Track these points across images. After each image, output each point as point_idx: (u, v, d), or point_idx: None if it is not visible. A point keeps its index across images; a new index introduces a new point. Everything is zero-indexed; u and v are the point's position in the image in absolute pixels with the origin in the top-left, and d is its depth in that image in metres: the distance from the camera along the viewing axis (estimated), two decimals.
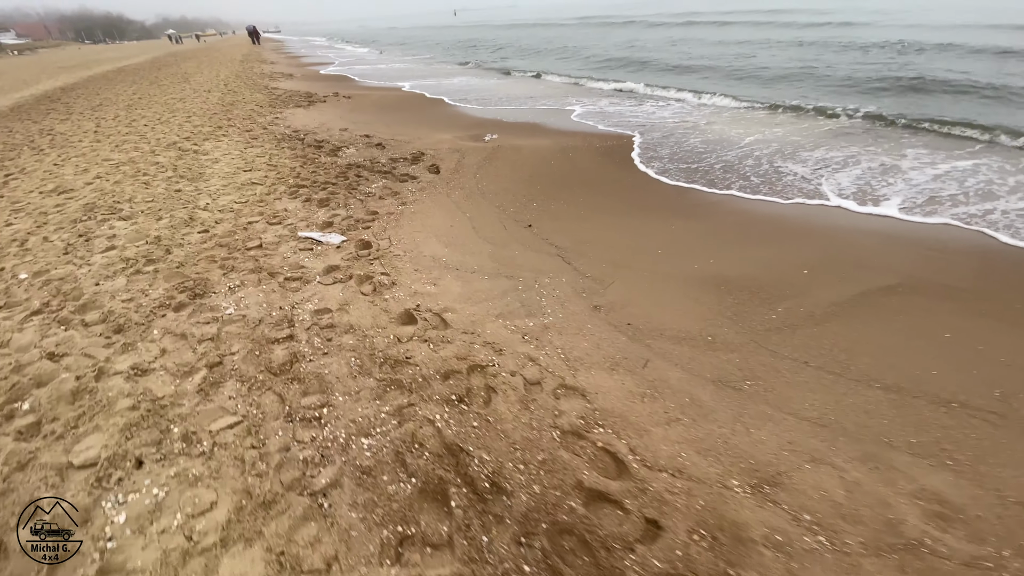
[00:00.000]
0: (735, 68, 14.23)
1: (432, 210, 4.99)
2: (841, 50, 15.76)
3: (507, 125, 9.16)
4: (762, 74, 12.99)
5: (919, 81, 10.33)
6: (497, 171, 6.24)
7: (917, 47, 14.41)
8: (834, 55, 15.05)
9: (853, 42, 16.86)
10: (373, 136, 8.19)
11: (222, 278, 3.54)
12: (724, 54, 17.23)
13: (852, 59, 14.02)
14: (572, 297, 3.34)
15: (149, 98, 13.05)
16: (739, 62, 15.22)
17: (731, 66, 14.61)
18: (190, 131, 8.55)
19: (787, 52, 16.43)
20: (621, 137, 7.82)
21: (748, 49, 17.98)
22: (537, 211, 5.01)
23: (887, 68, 12.14)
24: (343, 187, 5.59)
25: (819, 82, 11.44)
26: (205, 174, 6.05)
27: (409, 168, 6.33)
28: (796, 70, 13.02)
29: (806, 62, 14.14)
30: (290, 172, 6.22)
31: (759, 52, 17.08)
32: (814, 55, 15.44)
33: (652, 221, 4.70)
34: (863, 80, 11.05)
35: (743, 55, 16.68)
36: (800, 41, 18.66)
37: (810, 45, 17.51)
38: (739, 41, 20.68)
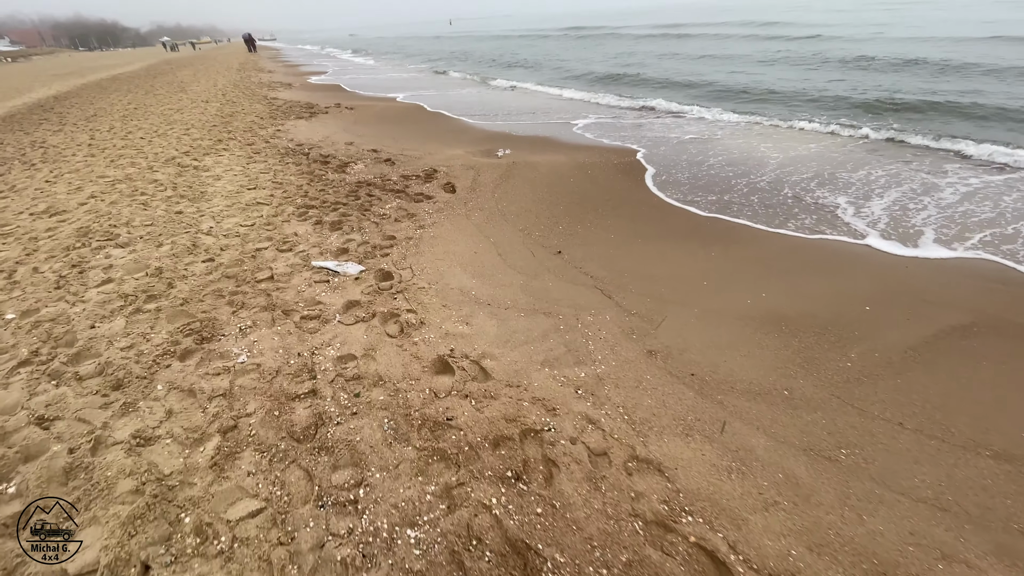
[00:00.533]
0: (730, 81, 14.08)
1: (453, 234, 4.67)
2: (839, 65, 15.66)
3: (517, 139, 8.88)
4: (755, 87, 12.81)
5: (931, 96, 10.17)
6: (516, 190, 5.94)
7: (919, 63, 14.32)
8: (831, 70, 14.93)
9: (844, 56, 16.79)
10: (381, 151, 7.88)
11: (231, 317, 3.20)
12: (719, 68, 17.12)
13: (848, 74, 13.90)
14: (621, 339, 3.02)
15: (145, 108, 12.70)
16: (734, 76, 15.09)
17: (726, 79, 14.46)
18: (189, 145, 8.21)
19: (781, 67, 16.33)
20: (633, 153, 7.55)
21: (739, 64, 17.88)
22: (564, 235, 4.71)
23: (881, 84, 12.00)
24: (355, 208, 5.27)
25: (823, 97, 11.26)
26: (207, 193, 5.71)
27: (423, 187, 6.02)
28: (797, 84, 12.87)
29: (804, 77, 14.01)
30: (297, 191, 5.89)
31: (750, 66, 16.98)
32: (807, 70, 15.33)
33: (688, 247, 4.40)
34: (866, 95, 10.88)
35: (737, 68, 16.57)
36: (790, 54, 18.60)
37: (805, 58, 17.43)
38: (730, 55, 20.63)
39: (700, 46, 24.91)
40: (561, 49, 29.52)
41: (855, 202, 5.27)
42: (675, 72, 16.59)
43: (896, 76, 12.72)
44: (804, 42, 22.14)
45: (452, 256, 4.20)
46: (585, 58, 23.43)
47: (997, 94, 9.88)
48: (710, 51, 22.18)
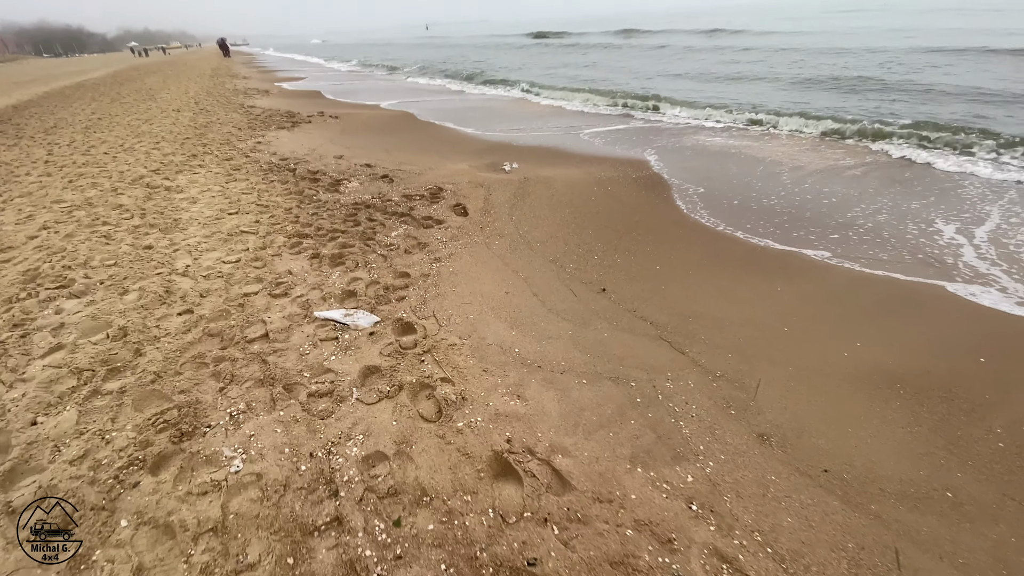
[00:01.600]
0: (721, 89, 13.75)
1: (475, 269, 4.03)
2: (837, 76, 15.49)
3: (520, 151, 8.28)
4: (748, 89, 12.48)
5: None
6: (535, 211, 5.32)
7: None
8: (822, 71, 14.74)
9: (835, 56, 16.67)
10: (375, 165, 7.18)
11: (218, 397, 2.51)
12: (708, 67, 16.85)
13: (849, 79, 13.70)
14: (718, 417, 2.43)
15: (110, 118, 11.74)
16: (722, 82, 14.78)
17: (719, 87, 14.14)
18: (159, 161, 7.39)
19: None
20: (648, 165, 7.01)
21: (709, 65, 17.64)
22: (602, 267, 4.11)
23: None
24: (357, 237, 4.59)
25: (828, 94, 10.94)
26: (181, 221, 4.96)
27: (431, 208, 5.36)
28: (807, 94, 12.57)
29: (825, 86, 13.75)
30: (286, 215, 5.17)
31: (723, 66, 16.74)
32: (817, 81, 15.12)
33: (747, 281, 3.84)
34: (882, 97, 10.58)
35: (709, 70, 16.30)
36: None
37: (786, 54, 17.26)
38: (697, 59, 20.47)
39: (693, 43, 24.76)
40: (540, 56, 29.13)
41: (931, 231, 4.80)
42: (672, 78, 16.23)
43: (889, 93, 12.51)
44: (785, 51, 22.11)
45: (481, 298, 3.56)
46: (569, 63, 23.02)
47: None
48: (672, 55, 21.98)
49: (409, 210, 5.32)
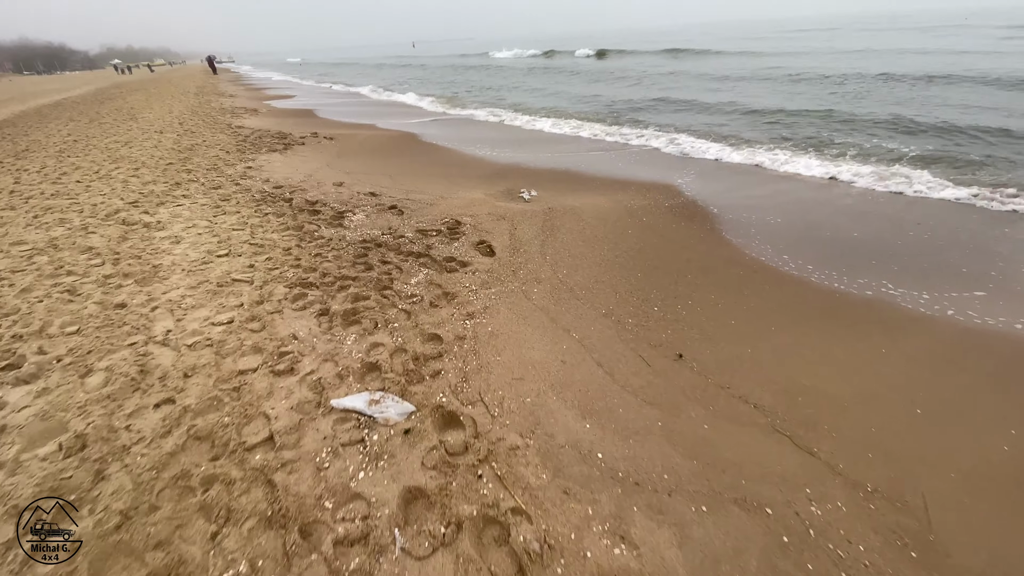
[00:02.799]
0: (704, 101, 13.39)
1: (518, 327, 3.38)
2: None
3: (535, 174, 7.69)
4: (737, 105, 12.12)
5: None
6: (569, 249, 4.70)
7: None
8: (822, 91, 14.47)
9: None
10: (381, 194, 6.53)
11: (211, 552, 1.81)
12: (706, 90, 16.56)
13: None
14: (899, 564, 1.78)
15: (87, 140, 10.96)
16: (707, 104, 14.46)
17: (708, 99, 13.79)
18: (138, 190, 6.66)
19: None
20: (679, 190, 6.45)
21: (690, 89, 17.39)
22: (667, 322, 3.47)
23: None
24: (371, 286, 3.91)
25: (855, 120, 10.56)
26: (162, 267, 4.24)
27: (451, 247, 4.71)
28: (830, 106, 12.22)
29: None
30: (285, 256, 4.49)
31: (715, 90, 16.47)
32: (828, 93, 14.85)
33: (840, 338, 3.24)
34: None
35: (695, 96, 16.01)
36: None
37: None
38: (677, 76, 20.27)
39: (688, 66, 24.62)
40: (536, 77, 28.90)
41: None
42: (686, 93, 15.89)
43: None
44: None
45: (534, 371, 2.90)
46: (565, 82, 22.71)
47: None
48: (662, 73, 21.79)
49: (427, 249, 4.66)
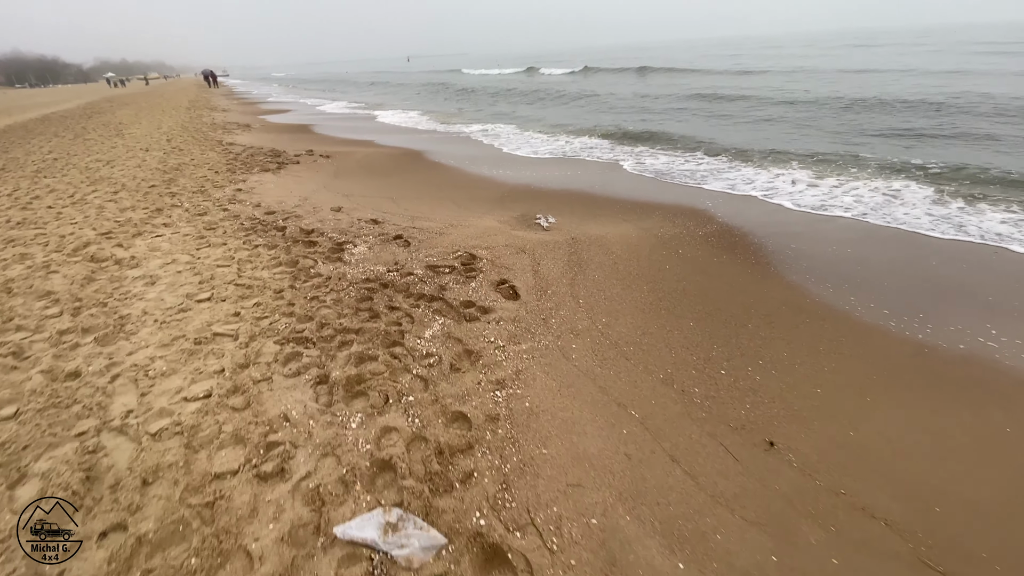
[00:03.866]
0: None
1: (562, 401, 2.75)
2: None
3: (549, 196, 7.12)
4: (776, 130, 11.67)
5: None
6: (603, 289, 4.10)
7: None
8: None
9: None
10: (384, 220, 5.92)
11: None
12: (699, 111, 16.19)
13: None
14: None
15: (67, 159, 10.31)
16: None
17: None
18: (114, 218, 6.01)
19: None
20: (711, 216, 5.89)
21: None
22: (742, 391, 2.86)
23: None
24: (379, 341, 3.28)
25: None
26: (130, 319, 3.59)
27: (467, 288, 4.09)
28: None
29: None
30: (276, 300, 3.86)
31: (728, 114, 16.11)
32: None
33: (948, 411, 2.66)
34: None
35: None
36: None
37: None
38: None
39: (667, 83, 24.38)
40: (537, 94, 28.64)
41: None
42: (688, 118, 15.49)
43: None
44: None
45: (593, 472, 2.27)
46: (567, 95, 22.39)
47: None
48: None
49: (440, 291, 4.04)
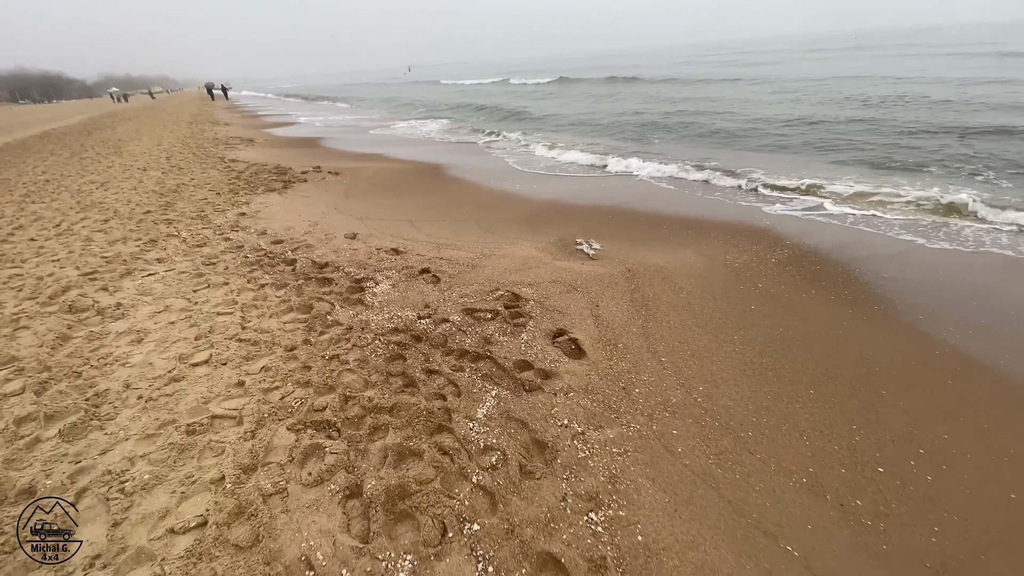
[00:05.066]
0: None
1: (682, 527, 2.02)
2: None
3: (583, 214, 6.41)
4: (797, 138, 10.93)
5: None
6: (687, 342, 3.36)
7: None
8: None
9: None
10: (405, 250, 5.21)
11: None
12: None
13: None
14: None
15: (60, 181, 9.68)
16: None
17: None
18: (101, 253, 5.32)
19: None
20: (776, 235, 5.15)
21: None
22: (915, 499, 2.13)
23: None
24: (420, 426, 2.56)
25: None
26: (107, 399, 2.87)
27: (518, 341, 3.36)
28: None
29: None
30: (288, 364, 3.14)
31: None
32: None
33: None
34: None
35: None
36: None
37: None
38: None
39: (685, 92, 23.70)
40: (543, 101, 28.05)
41: None
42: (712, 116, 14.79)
43: None
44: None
45: None
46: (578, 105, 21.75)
47: None
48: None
49: (485, 345, 3.32)
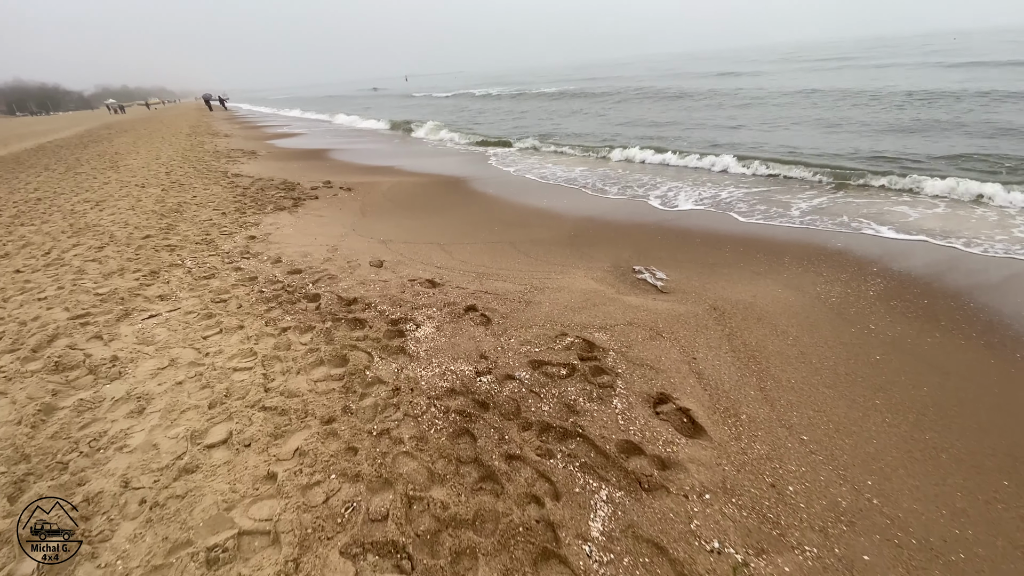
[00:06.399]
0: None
1: None
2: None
3: (627, 233, 5.77)
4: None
5: None
6: (819, 408, 2.72)
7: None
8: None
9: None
10: (442, 281, 4.56)
11: None
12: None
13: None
14: None
15: (52, 199, 9.03)
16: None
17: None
18: (95, 289, 4.65)
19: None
20: (862, 261, 4.51)
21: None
22: None
23: None
24: (519, 550, 1.89)
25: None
26: (99, 505, 2.20)
27: (611, 411, 2.70)
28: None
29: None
30: (328, 446, 2.49)
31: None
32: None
33: None
34: None
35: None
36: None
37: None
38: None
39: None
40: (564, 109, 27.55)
41: None
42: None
43: None
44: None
45: None
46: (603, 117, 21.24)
47: None
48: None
49: (570, 417, 2.66)
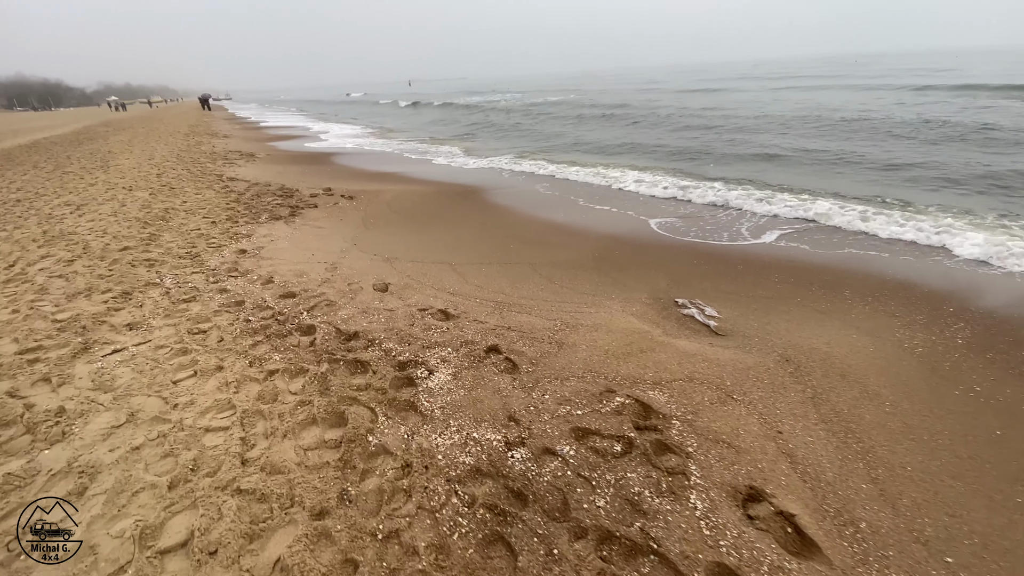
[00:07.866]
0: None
1: None
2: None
3: (656, 255, 5.19)
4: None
5: None
6: (942, 503, 2.13)
7: None
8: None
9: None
10: (457, 312, 3.95)
11: None
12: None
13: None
14: None
15: (32, 201, 8.40)
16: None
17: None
18: (54, 314, 4.03)
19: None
20: (936, 295, 3.93)
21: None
22: None
23: None
24: None
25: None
26: None
27: (691, 513, 2.09)
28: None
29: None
30: (318, 551, 1.89)
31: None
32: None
33: None
34: None
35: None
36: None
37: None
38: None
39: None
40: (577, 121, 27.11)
41: None
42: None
43: None
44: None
45: None
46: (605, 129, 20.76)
47: None
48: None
49: (637, 520, 2.06)
